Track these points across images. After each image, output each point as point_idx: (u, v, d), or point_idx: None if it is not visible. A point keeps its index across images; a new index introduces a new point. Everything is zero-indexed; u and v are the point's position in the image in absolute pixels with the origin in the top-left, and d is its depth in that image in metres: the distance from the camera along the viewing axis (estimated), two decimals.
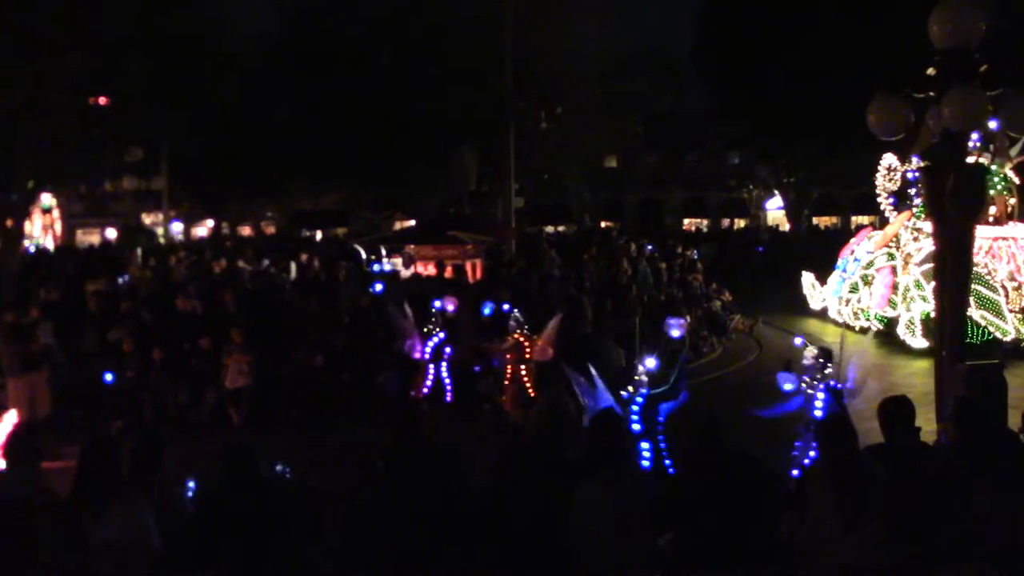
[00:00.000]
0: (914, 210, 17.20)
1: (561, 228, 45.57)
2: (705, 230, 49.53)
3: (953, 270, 10.02)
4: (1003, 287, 16.20)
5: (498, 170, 26.65)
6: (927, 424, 8.01)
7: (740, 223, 51.56)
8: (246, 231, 45.62)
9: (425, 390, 12.04)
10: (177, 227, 45.25)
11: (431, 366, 12.13)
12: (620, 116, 33.96)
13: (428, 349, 12.14)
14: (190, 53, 30.33)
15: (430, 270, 17.96)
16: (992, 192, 15.83)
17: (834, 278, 19.62)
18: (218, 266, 21.25)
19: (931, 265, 12.00)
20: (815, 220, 46.85)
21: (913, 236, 16.89)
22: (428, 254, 18.89)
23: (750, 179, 45.87)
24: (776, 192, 41.24)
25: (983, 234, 15.37)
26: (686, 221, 52.24)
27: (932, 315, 10.83)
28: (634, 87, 32.63)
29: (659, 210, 51.55)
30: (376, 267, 18.81)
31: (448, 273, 17.35)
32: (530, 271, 18.05)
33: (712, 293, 20.87)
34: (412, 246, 19.61)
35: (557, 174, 35.64)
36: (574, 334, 12.82)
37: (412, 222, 31.37)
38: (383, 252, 20.43)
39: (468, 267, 18.61)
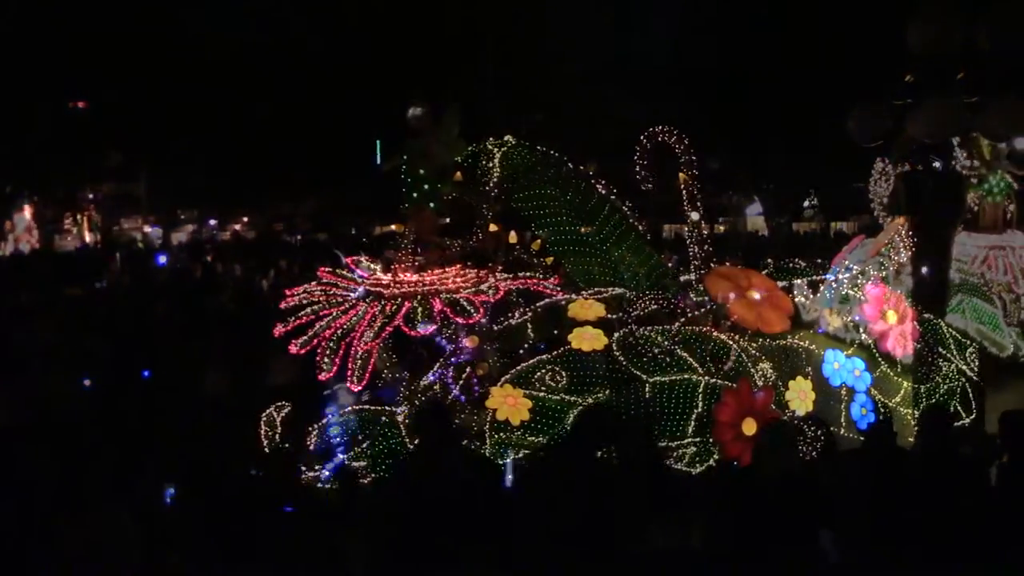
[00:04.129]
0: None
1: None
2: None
3: (931, 277, 10.08)
4: (1000, 299, 15.12)
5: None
6: None
7: (719, 228, 51.65)
8: (226, 236, 45.37)
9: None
10: (156, 232, 45.01)
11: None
12: (600, 122, 33.91)
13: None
14: (167, 59, 30.26)
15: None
16: (988, 199, 15.05)
17: (825, 288, 19.29)
18: (197, 271, 21.18)
19: None
20: (794, 226, 46.92)
21: (906, 244, 16.34)
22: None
23: (729, 184, 45.95)
24: (756, 198, 41.38)
25: (978, 243, 14.75)
26: (665, 227, 52.18)
27: None
28: (613, 94, 32.57)
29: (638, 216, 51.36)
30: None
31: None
32: None
33: None
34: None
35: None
36: None
37: (393, 227, 31.26)
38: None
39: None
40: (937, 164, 11.79)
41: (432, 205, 8.58)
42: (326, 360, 7.62)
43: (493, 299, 7.88)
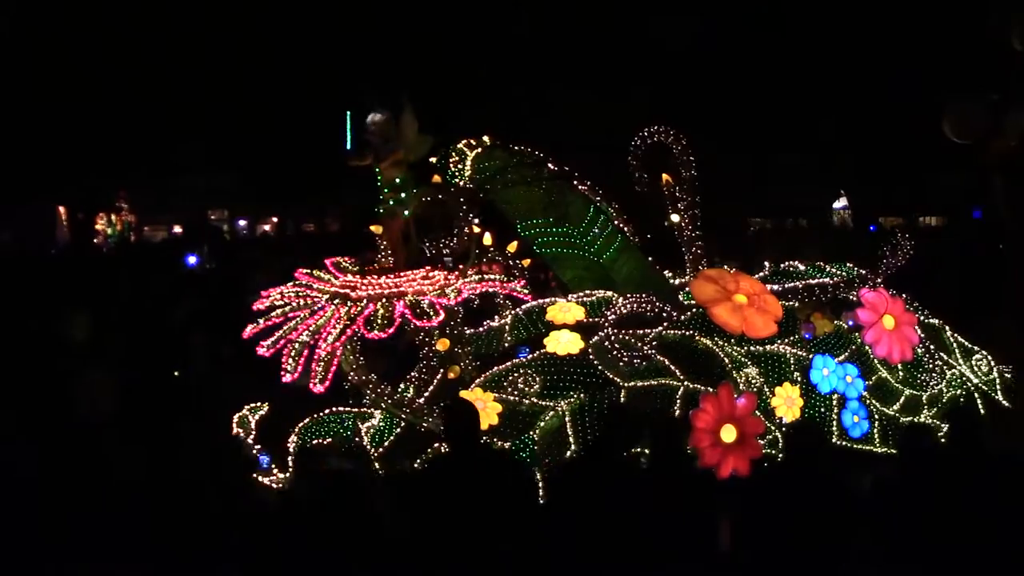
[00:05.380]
0: None
1: None
2: None
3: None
4: None
5: None
6: None
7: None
8: (310, 228, 46.04)
9: None
10: (242, 223, 46.00)
11: None
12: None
13: None
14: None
15: None
16: None
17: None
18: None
19: None
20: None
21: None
22: None
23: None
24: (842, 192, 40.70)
25: None
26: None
27: None
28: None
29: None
30: None
31: None
32: None
33: None
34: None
35: None
36: None
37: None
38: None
39: None
40: None
41: (407, 212, 8.58)
42: (290, 362, 7.70)
43: (453, 302, 7.85)
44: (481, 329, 9.00)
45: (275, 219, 46.93)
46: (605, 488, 6.14)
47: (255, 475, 8.23)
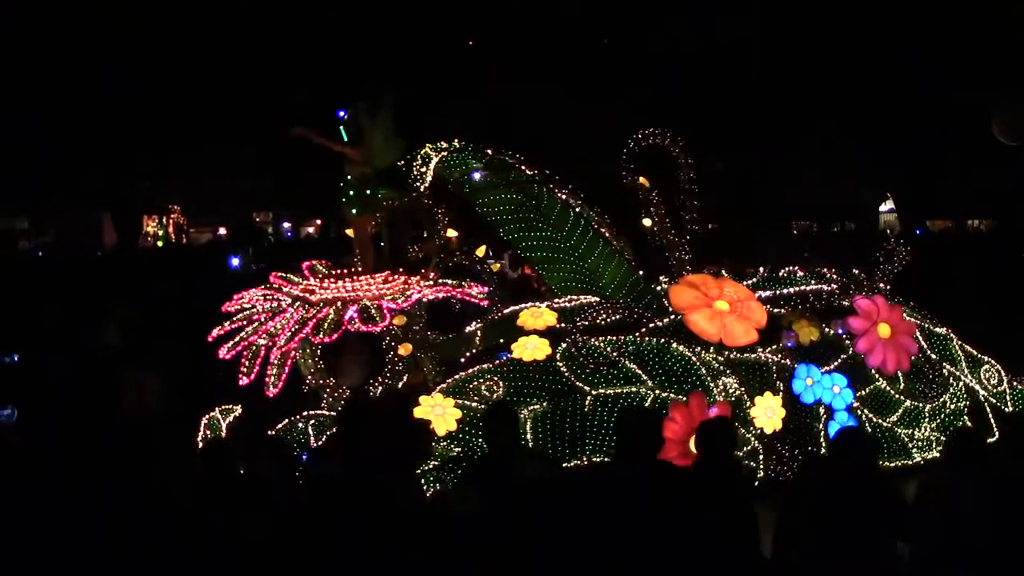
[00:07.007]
0: None
1: None
2: None
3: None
4: None
5: None
6: None
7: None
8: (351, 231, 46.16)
9: None
10: (286, 226, 46.21)
11: None
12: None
13: None
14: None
15: None
16: None
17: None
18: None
19: None
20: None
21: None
22: None
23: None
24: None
25: None
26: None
27: None
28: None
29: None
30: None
31: None
32: None
33: None
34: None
35: None
36: None
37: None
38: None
39: None
40: None
41: (355, 212, 8.39)
42: (247, 364, 7.53)
43: (403, 306, 7.61)
44: (452, 335, 8.77)
45: (319, 221, 47.07)
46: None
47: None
